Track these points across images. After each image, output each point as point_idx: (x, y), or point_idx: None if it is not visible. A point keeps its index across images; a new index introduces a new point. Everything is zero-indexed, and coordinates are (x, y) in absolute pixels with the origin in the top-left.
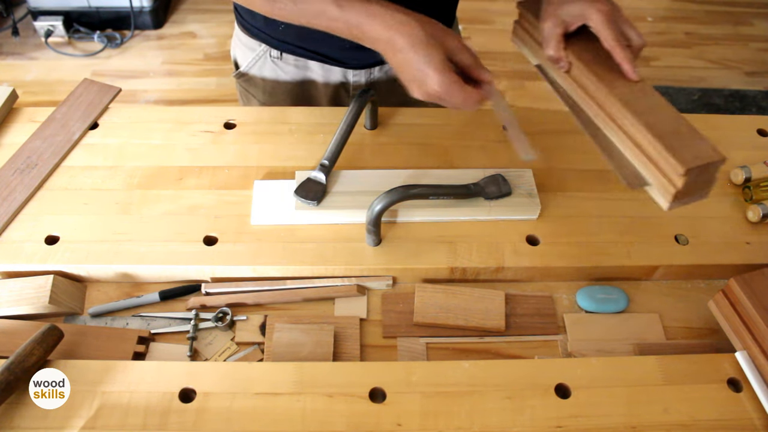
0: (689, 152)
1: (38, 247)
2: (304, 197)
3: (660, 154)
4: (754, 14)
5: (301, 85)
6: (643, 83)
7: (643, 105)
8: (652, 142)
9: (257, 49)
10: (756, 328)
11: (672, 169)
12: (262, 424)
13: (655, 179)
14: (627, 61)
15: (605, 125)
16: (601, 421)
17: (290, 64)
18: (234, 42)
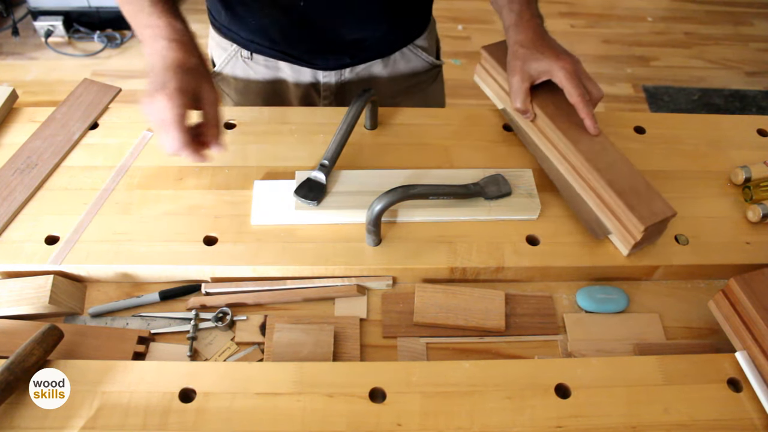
0: (647, 209)
1: (38, 247)
2: (304, 197)
3: (621, 210)
4: (754, 14)
5: (272, 85)
6: (603, 137)
7: (604, 161)
8: (613, 198)
9: (229, 49)
10: (756, 328)
11: (632, 224)
12: (262, 424)
13: (617, 230)
14: (590, 117)
15: (569, 174)
16: (601, 421)
17: (261, 64)
18: (209, 41)
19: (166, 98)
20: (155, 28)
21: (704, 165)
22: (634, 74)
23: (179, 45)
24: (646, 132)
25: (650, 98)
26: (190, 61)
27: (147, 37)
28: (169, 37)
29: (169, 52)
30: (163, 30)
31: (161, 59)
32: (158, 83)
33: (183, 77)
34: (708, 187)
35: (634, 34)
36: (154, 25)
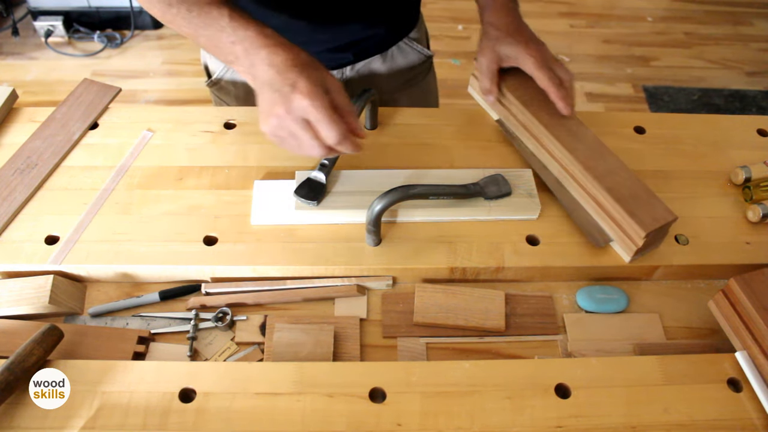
0: (648, 215)
1: (38, 247)
2: (304, 197)
3: (622, 217)
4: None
5: None
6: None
7: (603, 168)
8: (613, 206)
9: None
10: (756, 328)
11: (633, 231)
12: (262, 424)
13: (618, 237)
14: (561, 99)
15: (567, 183)
16: (601, 421)
17: None
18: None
19: (305, 97)
20: (248, 41)
21: (704, 165)
22: (634, 74)
23: (282, 46)
24: (646, 132)
25: (650, 98)
26: (301, 56)
27: (242, 53)
28: (267, 44)
29: (276, 56)
30: (257, 39)
31: (272, 66)
32: (284, 89)
33: (307, 72)
34: (708, 187)
35: (634, 34)
36: (244, 37)
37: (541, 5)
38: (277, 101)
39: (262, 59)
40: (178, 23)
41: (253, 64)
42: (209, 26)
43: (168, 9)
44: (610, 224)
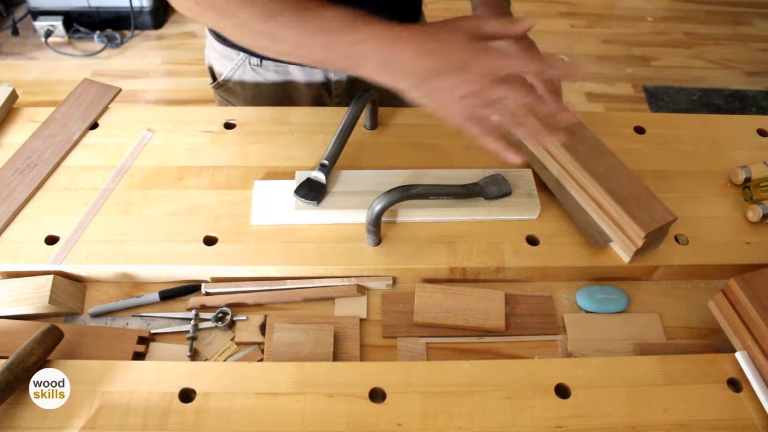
0: (647, 216)
1: (38, 247)
2: (304, 197)
3: (621, 217)
4: (754, 14)
5: (282, 88)
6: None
7: (602, 168)
8: (613, 206)
9: (235, 58)
10: (756, 328)
11: (633, 231)
12: (262, 424)
13: (618, 238)
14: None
15: (567, 183)
16: (601, 421)
17: (270, 70)
18: (209, 52)
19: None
20: (375, 36)
21: (704, 165)
22: (634, 74)
23: (413, 30)
24: (646, 132)
25: (650, 98)
26: (435, 31)
27: (370, 51)
28: (402, 35)
29: (414, 42)
30: (386, 33)
31: (425, 53)
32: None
33: (471, 44)
34: (708, 187)
35: (634, 34)
36: (372, 34)
37: (541, 5)
38: (462, 77)
39: (405, 50)
40: (281, 34)
41: (391, 60)
42: (325, 29)
43: (269, 20)
44: (610, 224)
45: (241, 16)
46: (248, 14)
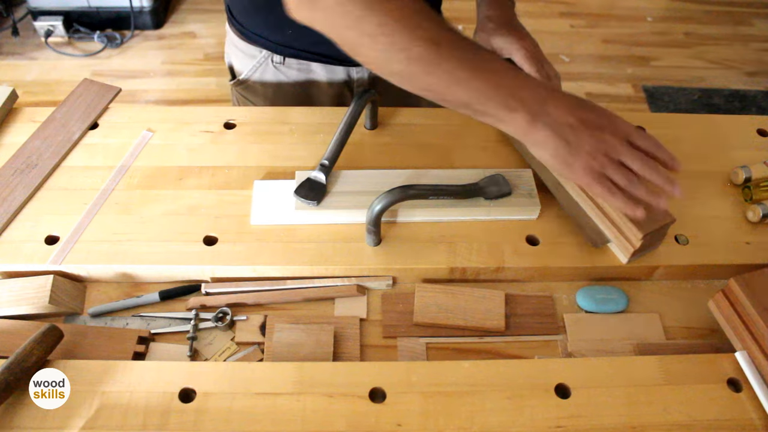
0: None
1: (38, 247)
2: (304, 197)
3: (620, 218)
4: (754, 14)
5: (304, 86)
6: None
7: None
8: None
9: (258, 56)
10: (756, 328)
11: (631, 232)
12: (262, 424)
13: (616, 239)
14: None
15: (567, 185)
16: (601, 421)
17: (293, 68)
18: (229, 49)
19: (627, 124)
20: (531, 86)
21: (704, 165)
22: (634, 74)
23: (560, 91)
24: (646, 132)
25: (650, 98)
26: (581, 98)
27: (529, 97)
28: (550, 88)
29: (568, 97)
30: (539, 85)
31: (572, 108)
32: (602, 122)
33: (606, 110)
34: (708, 187)
35: (634, 34)
36: (527, 83)
37: (541, 5)
38: (598, 134)
39: (559, 102)
40: (443, 67)
41: (546, 108)
42: (487, 70)
43: (435, 49)
44: (608, 225)
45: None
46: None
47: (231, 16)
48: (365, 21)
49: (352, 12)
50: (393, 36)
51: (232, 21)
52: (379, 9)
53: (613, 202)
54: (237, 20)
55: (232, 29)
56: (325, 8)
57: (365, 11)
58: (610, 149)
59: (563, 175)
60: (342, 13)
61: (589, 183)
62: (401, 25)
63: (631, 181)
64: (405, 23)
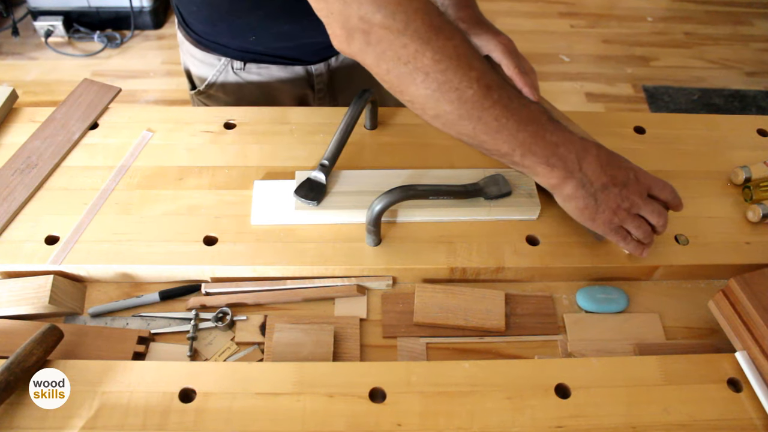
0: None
1: (38, 247)
2: (304, 197)
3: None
4: (754, 14)
5: (265, 88)
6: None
7: None
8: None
9: (217, 64)
10: (756, 328)
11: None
12: (262, 424)
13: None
14: (527, 86)
15: None
16: (601, 421)
17: (253, 72)
18: (186, 58)
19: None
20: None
21: (704, 165)
22: (634, 74)
23: (596, 145)
24: (646, 132)
25: (650, 98)
26: (611, 152)
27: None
28: (587, 146)
29: (602, 155)
30: (576, 141)
31: (603, 165)
32: (630, 178)
33: (634, 166)
34: (708, 187)
35: (634, 34)
36: (566, 139)
37: (541, 5)
38: (624, 193)
39: (592, 160)
40: (492, 113)
41: (581, 166)
42: (532, 122)
43: (487, 93)
44: None
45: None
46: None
47: (185, 25)
48: (420, 56)
49: (408, 46)
50: (447, 74)
51: (188, 30)
52: (435, 45)
53: (625, 247)
54: (193, 30)
55: (188, 38)
56: (380, 41)
57: (422, 45)
58: (632, 206)
59: (584, 225)
60: (398, 46)
61: (607, 233)
62: (456, 63)
63: (646, 233)
64: (460, 62)
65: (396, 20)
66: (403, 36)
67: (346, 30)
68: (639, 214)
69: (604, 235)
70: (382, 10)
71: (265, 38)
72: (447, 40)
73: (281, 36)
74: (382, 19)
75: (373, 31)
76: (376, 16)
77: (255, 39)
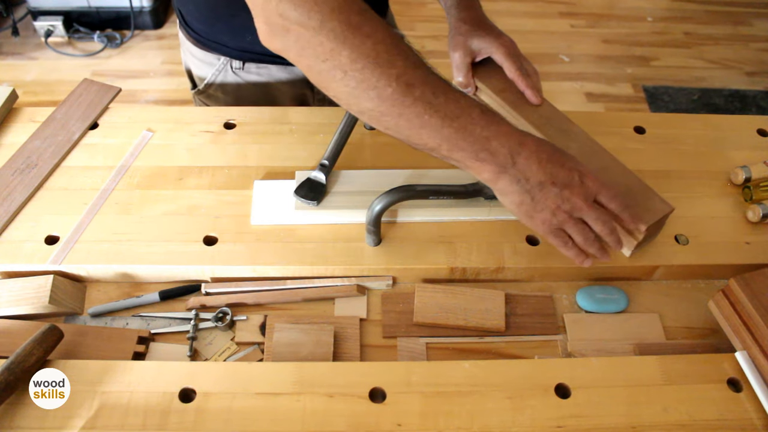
0: (645, 209)
1: (38, 247)
2: (304, 197)
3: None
4: (754, 14)
5: (264, 88)
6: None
7: (596, 165)
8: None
9: (216, 63)
10: (756, 328)
11: (633, 226)
12: (262, 424)
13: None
14: (529, 88)
15: None
16: (601, 421)
17: (252, 72)
18: (186, 57)
19: (598, 184)
20: (504, 136)
21: (704, 165)
22: (634, 74)
23: (539, 141)
24: (646, 132)
25: (650, 98)
26: (556, 149)
27: (499, 149)
28: (525, 141)
29: (542, 152)
30: (513, 135)
31: (542, 162)
32: (574, 180)
33: (580, 164)
34: (708, 187)
35: (634, 34)
36: (499, 132)
37: (541, 5)
38: (565, 193)
39: (529, 155)
40: (414, 110)
41: (515, 161)
42: (459, 116)
43: (407, 90)
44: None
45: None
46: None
47: (185, 25)
48: (337, 55)
49: (324, 44)
50: (364, 72)
51: (188, 30)
52: (352, 43)
53: (565, 252)
54: (193, 29)
55: (188, 38)
56: (298, 39)
57: (338, 44)
58: (574, 208)
59: (523, 222)
60: (315, 44)
61: (545, 234)
62: (374, 62)
63: (587, 240)
64: (378, 60)
65: (311, 19)
66: (319, 35)
67: (268, 26)
68: (583, 219)
69: (544, 236)
70: (298, 9)
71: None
72: (365, 38)
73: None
74: (298, 17)
75: (292, 29)
76: (293, 14)
77: (252, 39)
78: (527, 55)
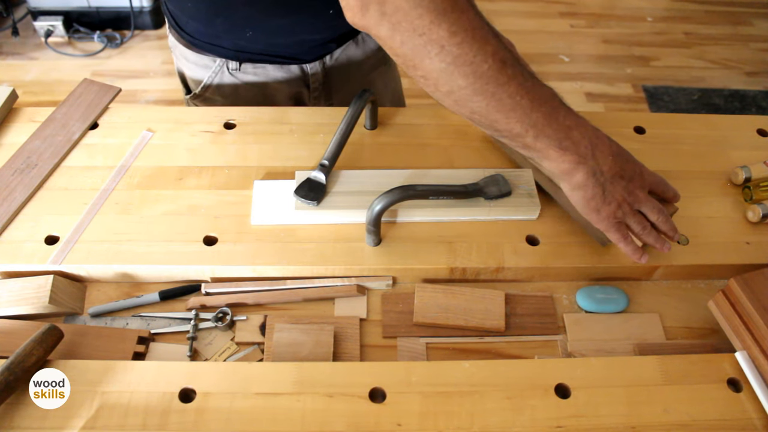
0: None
1: (38, 247)
2: (304, 197)
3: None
4: (754, 14)
5: (261, 89)
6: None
7: None
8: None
9: (212, 66)
10: (756, 328)
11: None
12: (262, 424)
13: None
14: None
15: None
16: (601, 421)
17: (249, 73)
18: (180, 63)
19: (655, 176)
20: (583, 127)
21: (704, 165)
22: (634, 74)
23: (608, 138)
24: (646, 132)
25: (650, 98)
26: (621, 146)
27: (580, 138)
28: (600, 134)
29: (614, 145)
30: (589, 127)
31: (615, 155)
32: (635, 173)
33: (639, 162)
34: (708, 187)
35: (634, 34)
36: (579, 123)
37: (541, 5)
38: (630, 186)
39: (604, 149)
40: (507, 90)
41: (594, 153)
42: (546, 101)
43: (503, 68)
44: None
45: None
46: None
47: (178, 28)
48: (436, 28)
49: (423, 17)
50: (462, 47)
51: (181, 33)
52: (451, 17)
53: (623, 247)
54: (186, 31)
55: (181, 41)
56: (395, 12)
57: (437, 17)
58: (636, 200)
59: (587, 217)
60: (413, 17)
61: (608, 228)
62: (471, 36)
63: (645, 229)
64: (476, 35)
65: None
66: (419, 7)
67: (360, 1)
68: (639, 211)
69: (606, 230)
70: None
71: (261, 34)
72: (462, 12)
73: (277, 31)
74: None
75: (389, 1)
76: None
77: (251, 34)
78: (527, 55)
